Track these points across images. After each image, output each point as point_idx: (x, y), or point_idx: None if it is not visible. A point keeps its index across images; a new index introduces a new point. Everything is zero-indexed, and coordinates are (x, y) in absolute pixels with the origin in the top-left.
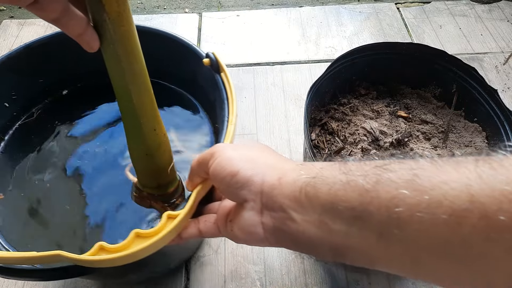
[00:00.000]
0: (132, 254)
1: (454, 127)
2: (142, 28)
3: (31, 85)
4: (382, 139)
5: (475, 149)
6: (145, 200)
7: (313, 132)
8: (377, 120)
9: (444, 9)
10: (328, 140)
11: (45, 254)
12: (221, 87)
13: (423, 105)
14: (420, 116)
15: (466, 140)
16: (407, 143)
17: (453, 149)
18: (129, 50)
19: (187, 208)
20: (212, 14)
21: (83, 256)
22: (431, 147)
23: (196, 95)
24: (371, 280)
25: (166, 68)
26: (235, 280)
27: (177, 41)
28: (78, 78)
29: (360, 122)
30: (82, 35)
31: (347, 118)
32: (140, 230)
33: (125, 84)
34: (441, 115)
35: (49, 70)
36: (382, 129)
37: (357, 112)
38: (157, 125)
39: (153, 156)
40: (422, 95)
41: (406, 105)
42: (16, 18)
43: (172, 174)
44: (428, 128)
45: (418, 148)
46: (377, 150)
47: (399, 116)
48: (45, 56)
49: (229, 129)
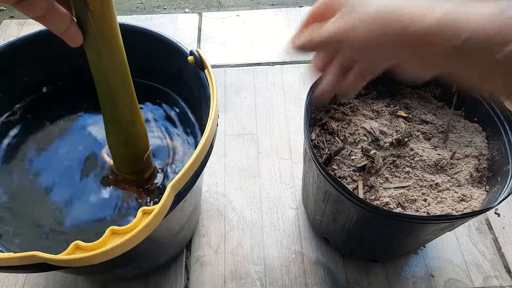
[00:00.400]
0: (108, 251)
1: (454, 127)
2: (126, 26)
3: (15, 83)
4: (382, 139)
5: (475, 149)
6: (120, 183)
7: (313, 132)
8: (377, 120)
9: None
10: (328, 140)
11: (21, 255)
12: (206, 84)
13: (423, 105)
14: (420, 116)
15: (466, 140)
16: (407, 143)
17: (453, 149)
18: (111, 47)
19: (161, 203)
20: (212, 14)
21: (59, 256)
22: (431, 147)
23: (182, 94)
24: (371, 280)
25: (151, 67)
26: (235, 280)
27: (161, 39)
28: (61, 75)
29: (360, 122)
30: (66, 31)
31: (347, 118)
32: (116, 227)
33: (106, 79)
34: (441, 115)
35: (32, 67)
36: (382, 129)
37: (357, 112)
38: (135, 116)
39: (131, 146)
40: (422, 95)
41: (406, 105)
42: (16, 18)
43: (148, 161)
44: (428, 128)
45: (418, 148)
46: (377, 150)
47: (399, 116)
48: (28, 54)
49: (208, 124)
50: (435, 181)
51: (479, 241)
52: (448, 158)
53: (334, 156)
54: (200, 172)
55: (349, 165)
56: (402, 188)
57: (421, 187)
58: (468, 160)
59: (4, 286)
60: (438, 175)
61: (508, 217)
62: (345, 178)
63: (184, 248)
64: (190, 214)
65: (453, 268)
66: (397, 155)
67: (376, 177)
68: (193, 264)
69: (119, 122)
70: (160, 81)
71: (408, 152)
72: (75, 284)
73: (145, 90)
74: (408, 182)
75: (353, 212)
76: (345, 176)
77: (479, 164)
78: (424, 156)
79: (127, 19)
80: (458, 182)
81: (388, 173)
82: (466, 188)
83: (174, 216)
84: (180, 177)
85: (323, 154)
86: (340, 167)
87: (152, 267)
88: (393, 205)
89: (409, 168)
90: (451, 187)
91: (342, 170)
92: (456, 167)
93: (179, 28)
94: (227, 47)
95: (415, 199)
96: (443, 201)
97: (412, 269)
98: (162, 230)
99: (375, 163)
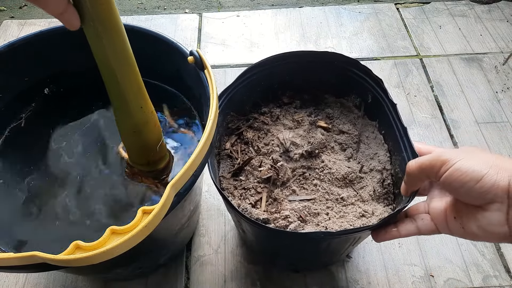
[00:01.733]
0: (108, 251)
1: (368, 138)
2: (126, 26)
3: (17, 84)
4: (292, 150)
5: (378, 162)
6: (136, 176)
7: (228, 141)
8: (295, 130)
9: (443, 9)
10: (243, 150)
11: (21, 255)
12: (206, 85)
13: (345, 114)
14: (339, 126)
15: (372, 152)
16: (319, 154)
17: (362, 161)
18: (109, 27)
19: (161, 203)
20: (212, 14)
21: (59, 256)
22: (345, 158)
23: (184, 93)
24: (370, 280)
25: (151, 67)
26: (235, 280)
27: (162, 39)
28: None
29: (277, 132)
30: (63, 13)
31: (265, 128)
32: (116, 227)
33: (108, 62)
34: (359, 125)
35: (32, 68)
36: (294, 141)
37: (278, 121)
38: (143, 102)
39: (141, 133)
40: (345, 105)
41: (328, 115)
42: (16, 19)
43: (162, 151)
44: (345, 139)
45: (329, 160)
46: (287, 161)
47: (319, 126)
48: (28, 55)
49: (208, 124)
50: (341, 195)
51: None
52: (357, 171)
53: (243, 167)
54: (200, 172)
55: (257, 176)
56: (307, 201)
57: (327, 201)
58: (373, 174)
59: (4, 286)
60: (346, 188)
61: None
62: (249, 190)
63: (184, 247)
64: (190, 214)
65: (453, 268)
66: (308, 166)
67: (282, 189)
68: (193, 264)
69: (126, 108)
70: (160, 81)
71: (319, 164)
72: (75, 284)
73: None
74: (315, 195)
75: (244, 224)
76: (249, 187)
77: (383, 179)
78: (333, 169)
79: (127, 19)
80: (361, 197)
81: (296, 185)
82: (370, 204)
83: (174, 216)
84: (180, 177)
85: (235, 164)
86: (248, 178)
87: (152, 267)
88: (293, 218)
89: (317, 181)
90: (356, 202)
91: (248, 181)
92: (363, 181)
93: (179, 29)
94: (227, 47)
95: (318, 212)
96: (345, 216)
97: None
98: (162, 230)
99: (281, 175)
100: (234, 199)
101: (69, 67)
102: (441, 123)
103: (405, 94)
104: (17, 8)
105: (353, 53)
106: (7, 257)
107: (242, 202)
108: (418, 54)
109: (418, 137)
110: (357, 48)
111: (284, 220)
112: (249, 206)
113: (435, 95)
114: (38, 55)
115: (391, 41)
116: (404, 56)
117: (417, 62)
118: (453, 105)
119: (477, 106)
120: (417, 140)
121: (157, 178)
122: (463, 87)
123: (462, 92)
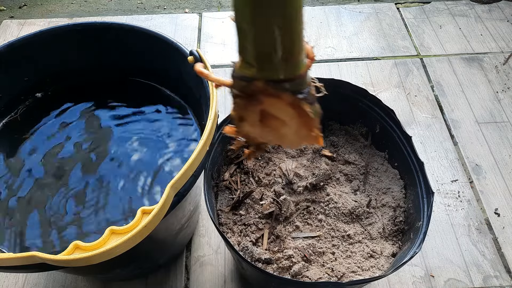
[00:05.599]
0: (108, 251)
1: (377, 170)
2: (126, 26)
3: (15, 83)
4: (296, 182)
5: (392, 198)
6: (257, 96)
7: (227, 171)
8: (298, 159)
9: (444, 9)
10: (242, 181)
11: (21, 255)
12: (206, 84)
13: (350, 143)
14: (344, 155)
15: (384, 187)
16: (324, 186)
17: (371, 195)
18: None
19: (161, 203)
20: (212, 14)
21: (59, 256)
22: (352, 190)
23: (182, 94)
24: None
25: (151, 67)
26: (235, 280)
27: (161, 39)
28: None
29: (279, 161)
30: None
31: (266, 156)
32: (115, 227)
33: None
34: (366, 155)
35: (32, 68)
36: (298, 172)
37: (280, 149)
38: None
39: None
40: (351, 132)
41: (332, 143)
42: (16, 18)
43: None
44: (350, 169)
45: (335, 193)
46: (290, 194)
47: (323, 155)
48: (28, 55)
49: (207, 124)
50: (347, 232)
51: (479, 241)
52: (364, 206)
53: (243, 200)
54: (200, 172)
55: (258, 210)
56: (311, 238)
57: (333, 238)
58: (384, 210)
59: (4, 286)
60: (352, 224)
61: (508, 217)
62: (250, 226)
63: (184, 248)
64: (190, 214)
65: (453, 268)
66: (312, 200)
67: (285, 225)
68: (193, 264)
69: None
70: (160, 81)
71: (324, 198)
72: (75, 284)
73: (146, 90)
74: (320, 232)
75: (244, 264)
76: (250, 223)
77: (395, 216)
78: (339, 203)
79: (127, 19)
80: (369, 235)
81: (300, 220)
82: (378, 242)
83: (174, 216)
84: (180, 177)
85: (234, 197)
86: (248, 212)
87: (152, 267)
88: (297, 258)
89: (322, 216)
90: (363, 239)
91: (249, 216)
92: (372, 217)
93: (179, 28)
94: (227, 47)
95: (324, 251)
96: (352, 256)
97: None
98: (162, 230)
99: (284, 209)
100: (233, 235)
101: (69, 67)
102: (441, 123)
103: (405, 94)
104: (16, 8)
105: (353, 53)
106: (7, 257)
107: (242, 239)
108: (418, 54)
109: (418, 137)
110: (357, 48)
111: (287, 261)
112: (250, 244)
113: (436, 95)
114: (38, 55)
115: (391, 41)
116: (404, 56)
117: (418, 62)
118: (453, 105)
119: (478, 106)
120: (417, 141)
121: (299, 91)
122: (463, 87)
123: (463, 92)
